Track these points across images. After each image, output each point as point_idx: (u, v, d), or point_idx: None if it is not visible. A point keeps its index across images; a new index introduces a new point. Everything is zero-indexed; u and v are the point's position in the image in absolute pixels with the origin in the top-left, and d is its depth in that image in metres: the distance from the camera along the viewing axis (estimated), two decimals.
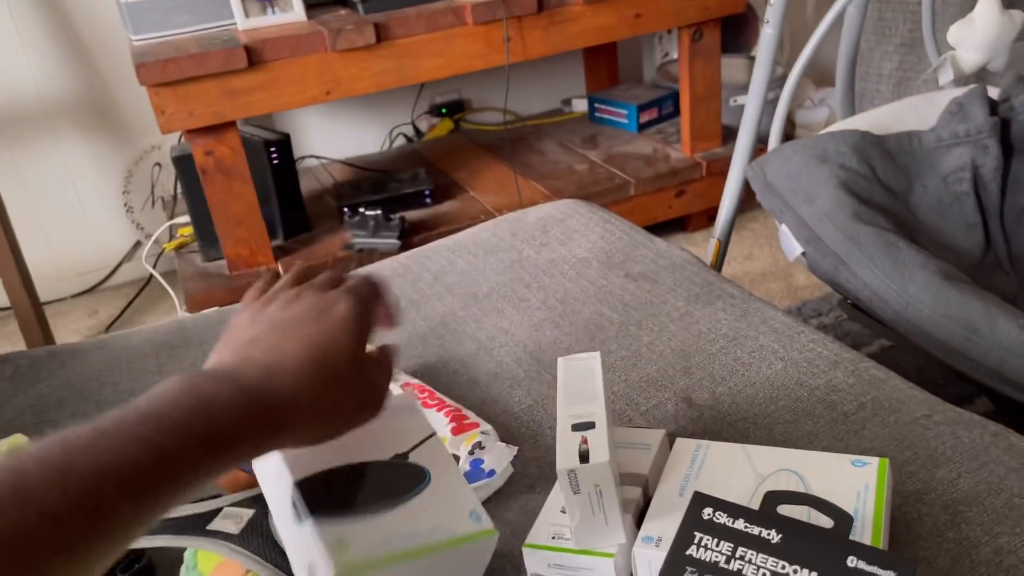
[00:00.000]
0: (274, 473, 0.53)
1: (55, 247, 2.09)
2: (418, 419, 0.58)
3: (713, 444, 0.63)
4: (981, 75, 1.17)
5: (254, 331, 0.49)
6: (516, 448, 0.70)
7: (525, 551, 0.58)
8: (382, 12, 1.67)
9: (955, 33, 1.06)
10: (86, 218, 2.10)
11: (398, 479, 0.53)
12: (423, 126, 2.36)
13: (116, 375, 0.89)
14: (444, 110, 2.35)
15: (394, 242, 1.75)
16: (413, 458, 0.55)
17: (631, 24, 1.81)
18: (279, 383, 0.45)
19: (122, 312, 2.02)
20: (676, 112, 2.21)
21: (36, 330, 1.79)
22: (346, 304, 0.50)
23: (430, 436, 0.57)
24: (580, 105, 2.39)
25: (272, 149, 1.77)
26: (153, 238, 2.03)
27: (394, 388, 0.78)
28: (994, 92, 1.16)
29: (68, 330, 2.00)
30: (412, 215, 1.88)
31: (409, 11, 1.66)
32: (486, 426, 0.71)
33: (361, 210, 1.81)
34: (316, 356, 0.47)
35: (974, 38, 1.04)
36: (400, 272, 1.07)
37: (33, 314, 1.78)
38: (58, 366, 0.92)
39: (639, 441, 0.65)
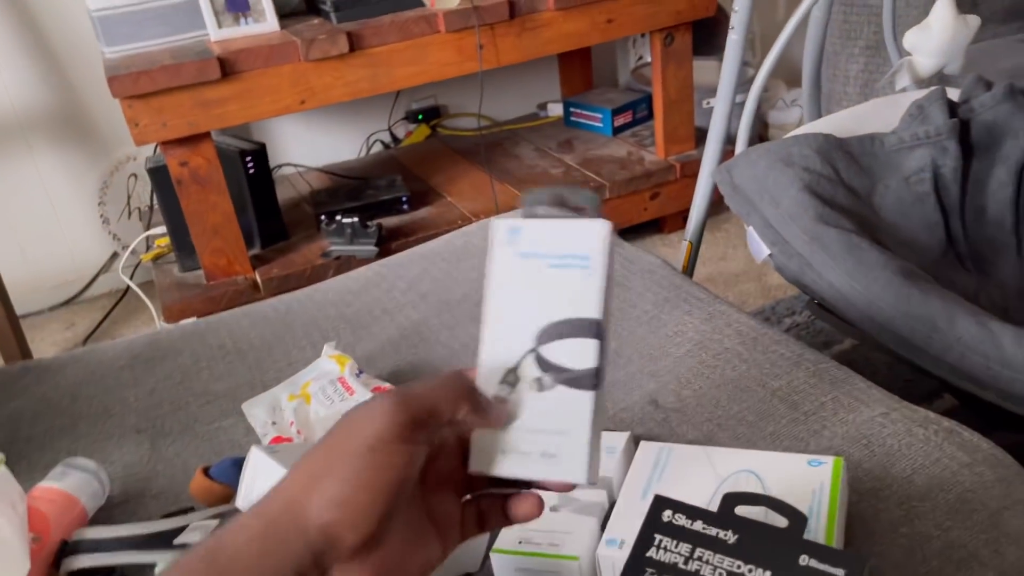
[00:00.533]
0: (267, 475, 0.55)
1: (31, 260, 2.08)
2: None
3: (676, 447, 0.65)
4: (941, 78, 1.19)
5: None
6: None
7: (493, 556, 0.60)
8: (355, 21, 1.68)
9: (911, 38, 1.08)
10: (62, 230, 2.10)
11: None
12: (400, 132, 2.37)
13: (91, 389, 0.90)
14: (420, 116, 2.36)
15: (371, 249, 1.76)
16: None
17: (603, 29, 1.83)
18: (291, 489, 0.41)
19: (99, 324, 2.02)
20: (650, 115, 2.23)
21: (12, 344, 1.78)
22: (368, 404, 0.44)
23: None
24: (555, 109, 2.41)
25: (248, 158, 1.77)
26: (130, 249, 2.02)
27: (366, 392, 0.79)
28: (954, 94, 1.18)
29: (45, 343, 1.99)
30: (390, 222, 1.89)
31: (382, 20, 1.67)
32: None
33: (338, 218, 1.81)
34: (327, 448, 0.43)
35: (930, 43, 1.06)
36: (375, 281, 1.08)
37: (9, 328, 1.77)
38: (32, 381, 0.92)
39: (604, 444, 0.66)
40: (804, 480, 0.59)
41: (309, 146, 2.27)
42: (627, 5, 1.82)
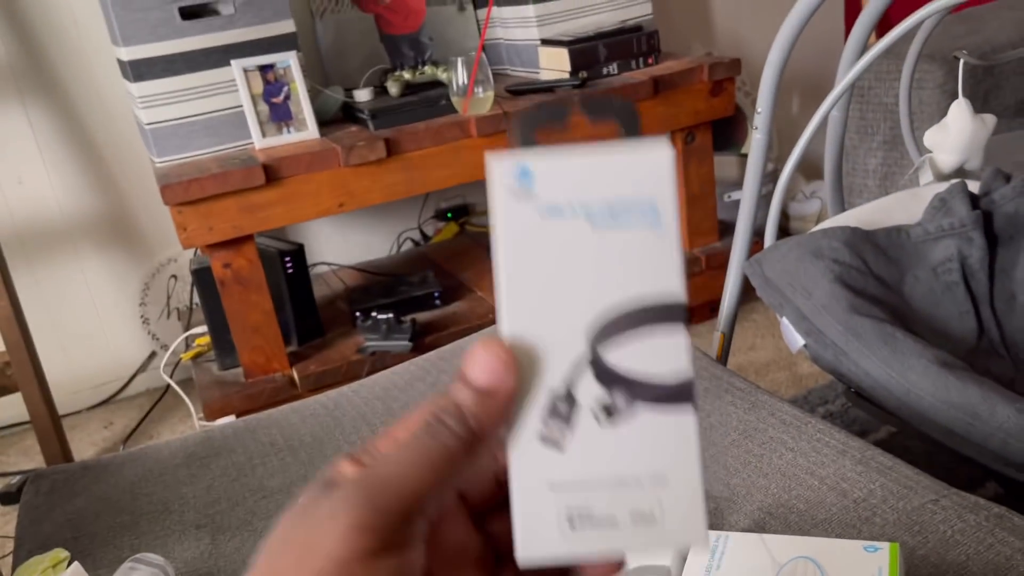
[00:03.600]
0: None
1: (73, 360, 2.14)
2: None
3: (732, 534, 0.66)
4: (961, 171, 1.24)
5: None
6: None
7: None
8: (390, 128, 1.76)
9: (931, 137, 1.14)
10: (103, 331, 2.16)
11: None
12: (429, 230, 2.44)
13: (149, 486, 0.92)
14: (449, 215, 2.43)
15: (406, 344, 1.80)
16: None
17: None
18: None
19: (139, 424, 2.05)
20: None
21: (54, 443, 1.81)
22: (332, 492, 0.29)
23: None
24: None
25: (287, 259, 1.84)
26: (171, 349, 2.08)
27: None
28: (974, 186, 1.23)
29: (84, 443, 2.02)
30: (423, 317, 1.93)
31: (417, 126, 1.76)
32: None
33: (373, 314, 1.86)
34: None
35: (949, 141, 1.11)
36: (418, 375, 1.11)
37: (52, 427, 1.81)
38: (92, 480, 0.95)
39: None
40: (862, 566, 0.60)
41: (342, 245, 2.34)
42: (651, 107, 1.91)
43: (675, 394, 0.31)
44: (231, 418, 1.72)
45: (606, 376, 0.31)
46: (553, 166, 0.32)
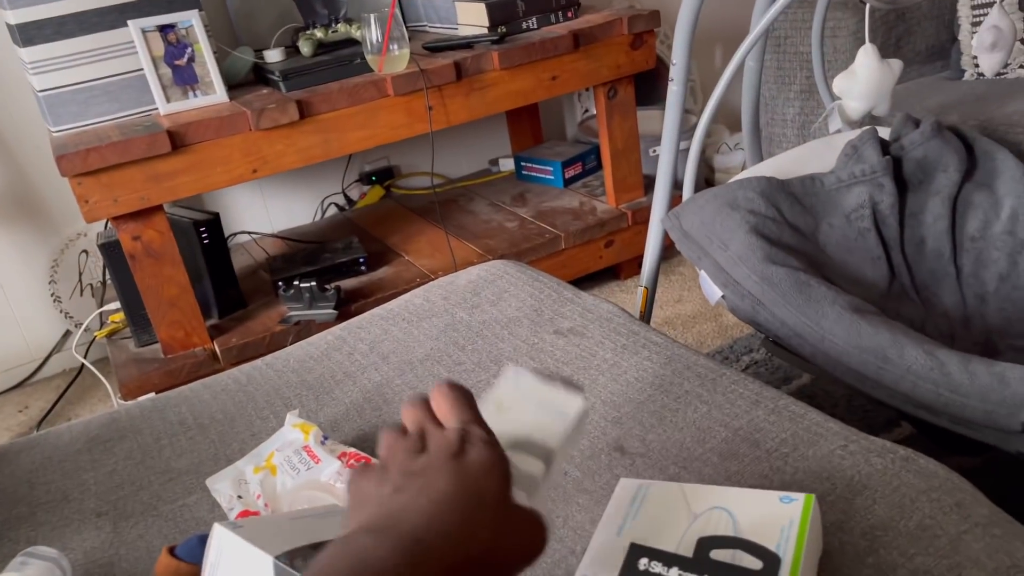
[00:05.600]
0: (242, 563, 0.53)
1: None
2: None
3: (654, 483, 0.66)
4: (871, 118, 1.25)
5: (390, 485, 0.45)
6: None
7: None
8: (304, 89, 1.70)
9: (840, 84, 1.14)
10: (12, 311, 2.06)
11: None
12: (354, 195, 2.39)
13: (48, 474, 0.88)
14: (374, 178, 2.38)
15: (331, 312, 1.76)
16: None
17: (548, 86, 1.88)
18: (443, 523, 0.42)
19: (53, 406, 1.97)
20: (599, 166, 2.28)
21: None
22: (480, 449, 0.47)
23: None
24: (507, 164, 2.45)
25: (202, 229, 1.77)
26: (83, 327, 1.99)
27: (332, 459, 0.79)
28: (885, 132, 1.24)
29: None
30: (348, 284, 1.89)
31: (331, 86, 1.70)
32: None
33: (296, 282, 1.81)
34: (470, 494, 0.44)
35: (857, 88, 1.11)
36: (336, 345, 1.08)
37: None
38: None
39: (555, 405, 0.59)
40: (775, 517, 0.60)
41: (263, 213, 2.27)
42: (570, 62, 1.88)
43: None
44: (151, 397, 1.66)
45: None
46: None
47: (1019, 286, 1.11)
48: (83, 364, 1.99)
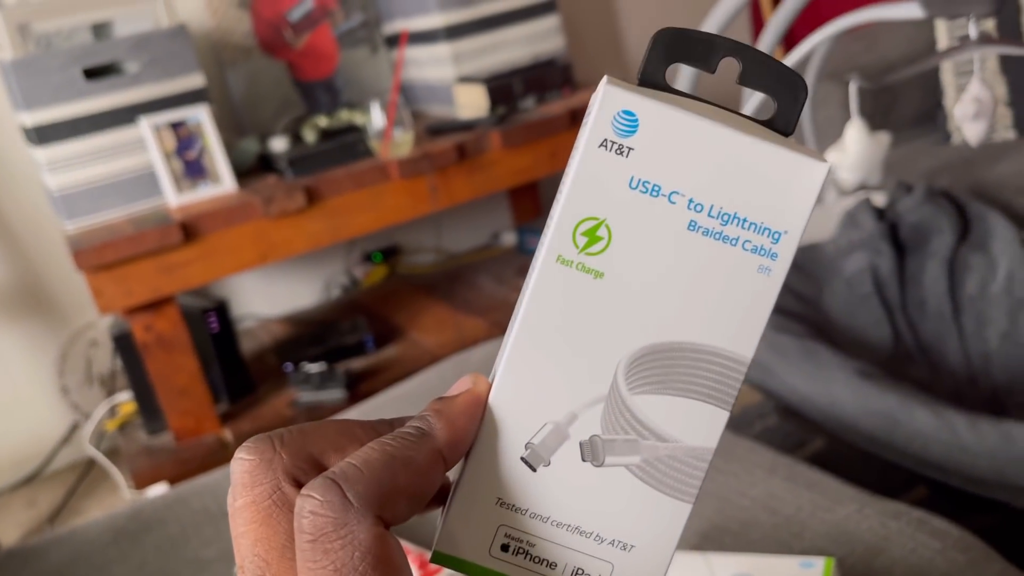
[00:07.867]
0: None
1: None
2: None
3: (677, 553, 0.67)
4: (864, 187, 1.29)
5: None
6: None
7: None
8: (310, 175, 1.75)
9: (831, 157, 1.18)
10: (20, 405, 2.07)
11: None
12: (359, 274, 2.42)
13: (79, 569, 0.88)
14: (378, 257, 2.42)
15: (340, 394, 1.77)
16: None
17: (548, 162, 1.93)
18: None
19: (66, 500, 1.96)
20: None
21: None
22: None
23: None
24: (508, 238, 2.49)
25: (210, 316, 1.79)
26: (95, 418, 2.00)
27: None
28: (883, 198, 1.28)
29: (8, 524, 1.92)
30: (356, 364, 1.91)
31: (337, 172, 1.75)
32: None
33: (304, 365, 1.83)
34: None
35: (848, 160, 1.16)
36: None
37: None
38: (17, 569, 0.90)
39: None
40: None
41: (268, 296, 2.30)
42: (568, 138, 1.94)
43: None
44: (163, 486, 1.66)
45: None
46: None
47: (1021, 343, 1.13)
48: (92, 457, 1.99)
